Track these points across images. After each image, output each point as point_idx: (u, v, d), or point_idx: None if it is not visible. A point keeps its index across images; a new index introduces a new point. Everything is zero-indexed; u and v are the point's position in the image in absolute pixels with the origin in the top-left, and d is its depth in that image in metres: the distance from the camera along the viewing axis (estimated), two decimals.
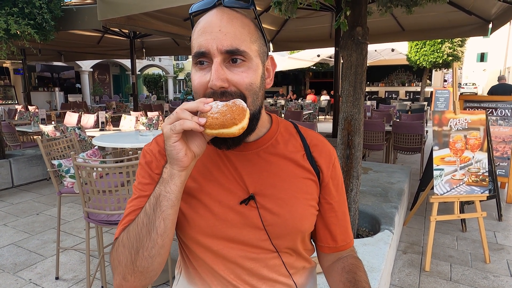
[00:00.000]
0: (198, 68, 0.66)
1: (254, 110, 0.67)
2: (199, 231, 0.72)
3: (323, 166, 0.79)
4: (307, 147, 0.80)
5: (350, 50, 2.40)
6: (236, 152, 0.74)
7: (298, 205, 0.74)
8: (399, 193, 3.30)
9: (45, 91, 14.05)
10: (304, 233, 0.78)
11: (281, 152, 0.77)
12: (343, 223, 0.83)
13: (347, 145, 2.51)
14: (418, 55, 12.86)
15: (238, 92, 0.64)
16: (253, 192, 0.73)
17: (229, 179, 0.73)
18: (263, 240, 0.73)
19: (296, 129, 0.83)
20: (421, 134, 5.10)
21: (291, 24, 6.77)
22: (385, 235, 2.39)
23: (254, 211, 0.72)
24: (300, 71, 20.18)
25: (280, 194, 0.74)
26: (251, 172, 0.74)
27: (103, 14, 4.23)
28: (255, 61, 0.66)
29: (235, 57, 0.64)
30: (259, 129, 0.75)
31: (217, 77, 0.62)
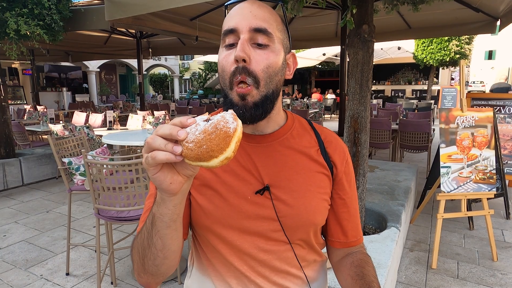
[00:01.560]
0: (226, 49, 0.71)
1: (266, 92, 0.70)
2: (215, 221, 0.74)
3: (337, 161, 0.82)
4: (321, 143, 0.82)
5: (356, 48, 2.40)
6: (252, 144, 0.77)
7: (312, 198, 0.77)
8: (406, 191, 3.30)
9: (53, 91, 14.23)
10: (316, 226, 0.80)
11: (296, 146, 0.79)
12: (354, 219, 0.85)
13: (354, 143, 2.52)
14: (425, 53, 12.76)
15: (254, 73, 0.68)
16: (268, 184, 0.75)
17: (245, 170, 0.75)
18: (276, 231, 0.75)
19: (310, 126, 0.86)
20: (428, 132, 5.08)
21: (296, 23, 6.77)
22: (392, 232, 2.40)
23: (268, 202, 0.74)
24: (305, 70, 20.14)
25: (294, 186, 0.76)
26: (267, 164, 0.76)
27: (111, 14, 4.28)
28: (277, 47, 0.71)
29: (261, 38, 0.68)
30: (275, 122, 0.79)
31: (241, 49, 0.67)
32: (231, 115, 0.52)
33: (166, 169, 0.53)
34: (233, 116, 0.52)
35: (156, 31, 5.91)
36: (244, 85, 0.68)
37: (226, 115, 0.52)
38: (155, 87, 23.25)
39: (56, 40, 4.44)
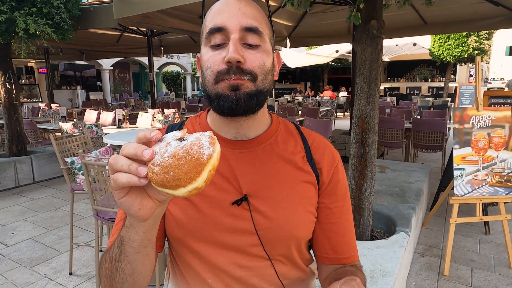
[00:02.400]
0: (212, 49, 0.65)
1: (262, 88, 0.65)
2: (188, 233, 0.68)
3: (323, 168, 0.74)
4: (308, 149, 0.75)
5: (364, 45, 2.30)
6: (232, 150, 0.71)
7: (295, 210, 0.70)
8: (417, 193, 3.17)
9: (68, 89, 14.49)
10: (299, 241, 0.73)
11: (280, 153, 0.73)
12: (345, 232, 0.76)
13: (361, 144, 2.42)
14: (442, 49, 12.40)
15: (249, 70, 0.62)
16: (246, 193, 0.68)
17: (223, 178, 0.69)
18: (255, 245, 0.68)
19: (297, 130, 0.79)
20: (442, 131, 4.90)
21: (308, 20, 6.64)
22: (401, 237, 2.29)
23: (246, 213, 0.68)
24: (318, 67, 19.91)
25: (275, 197, 0.69)
26: (246, 171, 0.70)
27: (119, 12, 4.28)
28: (268, 46, 0.67)
29: (252, 38, 0.63)
30: (260, 125, 0.73)
31: (235, 49, 0.61)
32: (208, 138, 0.45)
33: (134, 193, 0.47)
34: (211, 140, 0.45)
35: (165, 29, 5.92)
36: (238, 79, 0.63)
37: (203, 137, 0.45)
38: (168, 85, 23.41)
39: (65, 39, 4.46)
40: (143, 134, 0.46)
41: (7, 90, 4.68)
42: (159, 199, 0.48)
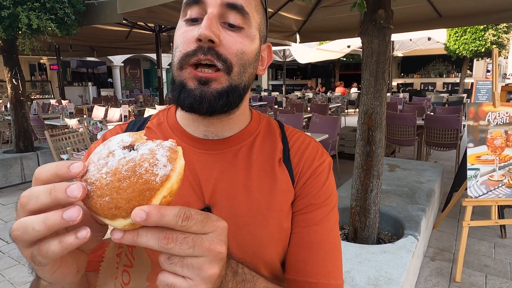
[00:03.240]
0: (186, 24, 0.54)
1: (238, 83, 0.54)
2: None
3: (300, 172, 0.62)
4: (287, 151, 0.63)
5: (371, 36, 2.16)
6: (199, 151, 0.60)
7: (263, 226, 0.57)
8: (429, 193, 3.01)
9: (79, 85, 14.63)
10: (269, 263, 0.59)
11: (254, 156, 0.61)
12: (317, 249, 0.58)
13: (367, 142, 2.29)
14: (458, 43, 12.00)
15: (224, 56, 0.51)
16: (209, 203, 0.57)
17: (183, 183, 0.58)
18: None
19: (280, 130, 0.67)
20: (457, 128, 4.69)
21: (318, 14, 6.46)
22: (408, 241, 2.16)
23: None
24: (329, 63, 19.61)
25: (241, 209, 0.57)
26: (212, 177, 0.59)
27: (123, 7, 4.23)
28: (253, 32, 0.56)
29: (235, 17, 0.53)
30: (236, 124, 0.62)
31: (208, 25, 0.50)
32: (167, 151, 0.34)
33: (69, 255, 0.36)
34: (170, 153, 0.34)
35: (172, 24, 5.83)
36: (208, 70, 0.51)
37: (160, 150, 0.34)
38: None
39: (70, 34, 4.43)
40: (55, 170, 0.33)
41: (14, 86, 4.68)
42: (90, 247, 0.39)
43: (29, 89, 11.80)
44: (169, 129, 0.63)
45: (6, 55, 4.56)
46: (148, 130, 0.64)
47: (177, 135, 0.62)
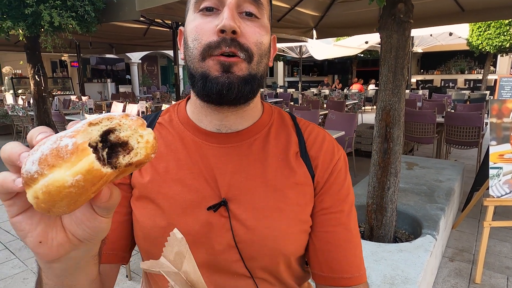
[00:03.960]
0: (202, 15, 0.54)
1: (256, 72, 0.55)
2: (154, 243, 0.58)
3: (319, 166, 0.62)
4: (303, 143, 0.63)
5: (390, 31, 2.11)
6: (212, 145, 0.60)
7: (282, 219, 0.58)
8: (448, 192, 2.94)
9: (99, 82, 14.96)
10: (288, 257, 0.60)
11: (269, 149, 0.61)
12: (346, 245, 0.61)
13: (385, 139, 2.25)
14: (481, 38, 11.60)
15: (246, 46, 0.52)
16: (225, 197, 0.57)
17: (198, 178, 0.58)
18: (234, 260, 0.57)
19: (293, 121, 0.67)
20: (479, 126, 4.55)
21: (336, 9, 6.38)
22: (427, 241, 2.11)
23: (224, 221, 0.57)
24: (347, 59, 19.33)
25: (259, 202, 0.57)
26: (227, 171, 0.59)
27: (141, 4, 4.28)
28: (266, 22, 0.57)
29: (251, 7, 0.54)
30: (250, 116, 0.61)
31: (231, 16, 0.50)
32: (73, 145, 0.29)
33: (36, 215, 0.34)
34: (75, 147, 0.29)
35: None
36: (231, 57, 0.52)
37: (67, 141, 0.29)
38: None
39: (90, 32, 4.52)
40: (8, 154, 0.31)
41: (36, 83, 4.83)
42: (76, 235, 0.34)
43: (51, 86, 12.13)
44: (180, 124, 0.63)
45: (29, 52, 4.71)
46: (160, 126, 0.65)
47: (189, 130, 0.62)
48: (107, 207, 0.34)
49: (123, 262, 0.63)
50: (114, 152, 0.32)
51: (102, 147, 0.31)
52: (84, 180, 0.29)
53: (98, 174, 0.29)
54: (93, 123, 0.31)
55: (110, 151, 0.32)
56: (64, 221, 0.35)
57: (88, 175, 0.29)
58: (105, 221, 0.35)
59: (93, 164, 0.29)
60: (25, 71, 12.87)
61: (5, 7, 3.76)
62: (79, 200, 0.30)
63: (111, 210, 0.35)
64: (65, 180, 0.28)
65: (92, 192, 0.30)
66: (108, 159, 0.31)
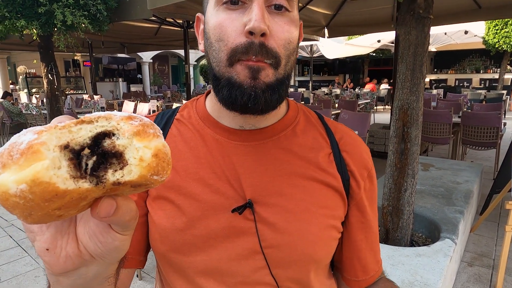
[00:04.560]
0: (226, 8, 0.48)
1: (283, 75, 0.50)
2: (172, 248, 0.54)
3: (356, 173, 0.58)
4: (336, 145, 0.58)
5: (408, 27, 2.04)
6: (235, 142, 0.55)
7: (313, 223, 0.53)
8: (467, 195, 2.84)
9: (111, 81, 15.12)
10: (318, 263, 0.56)
11: (296, 148, 0.56)
12: (374, 246, 0.63)
13: (402, 138, 2.17)
14: (498, 37, 11.32)
15: (274, 51, 0.47)
16: (251, 198, 0.53)
17: (220, 178, 0.54)
18: (258, 268, 0.53)
19: (321, 120, 0.62)
20: (497, 127, 4.41)
21: (348, 7, 6.29)
22: (446, 245, 2.03)
23: (250, 224, 0.52)
24: (358, 58, 19.12)
25: (288, 204, 0.53)
26: (252, 170, 0.54)
27: (153, 2, 4.27)
28: (296, 15, 0.52)
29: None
30: (273, 115, 0.56)
31: (261, 16, 0.45)
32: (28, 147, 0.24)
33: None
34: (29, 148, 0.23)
35: None
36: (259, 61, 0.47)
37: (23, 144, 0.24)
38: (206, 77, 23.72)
39: (102, 31, 4.54)
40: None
41: (50, 82, 4.87)
42: (88, 249, 0.30)
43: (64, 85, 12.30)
44: (200, 121, 0.59)
45: (42, 51, 4.75)
46: (178, 122, 0.61)
47: (210, 127, 0.58)
48: (117, 223, 0.29)
49: (140, 266, 0.59)
50: (104, 162, 0.25)
51: (89, 153, 0.25)
52: (31, 193, 0.22)
53: (51, 189, 0.23)
54: (85, 121, 0.26)
55: (100, 159, 0.25)
56: (78, 231, 0.31)
57: (36, 187, 0.22)
58: (120, 238, 0.30)
59: (41, 174, 0.22)
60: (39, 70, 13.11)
61: (19, 6, 3.79)
62: (33, 215, 0.24)
63: (127, 227, 0.30)
64: (8, 187, 0.22)
65: (53, 209, 0.24)
66: (94, 170, 0.25)
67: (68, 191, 0.24)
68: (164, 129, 0.60)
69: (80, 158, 0.25)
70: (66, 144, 0.24)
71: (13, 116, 7.50)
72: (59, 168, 0.24)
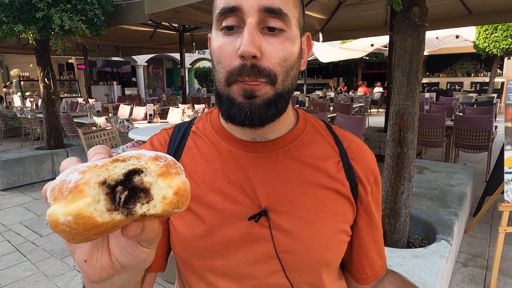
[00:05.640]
0: (224, 34, 0.52)
1: (282, 90, 0.53)
2: (193, 254, 0.58)
3: (364, 179, 0.62)
4: (344, 153, 0.63)
5: (404, 34, 2.10)
6: (248, 154, 0.59)
7: (324, 229, 0.58)
8: (460, 197, 2.91)
9: (105, 84, 15.05)
10: (330, 266, 0.61)
11: (306, 157, 0.60)
12: (379, 244, 0.68)
13: (399, 143, 2.23)
14: (488, 41, 11.53)
15: (268, 69, 0.50)
16: (265, 207, 0.57)
17: (236, 188, 0.58)
18: (274, 271, 0.57)
19: (329, 129, 0.66)
20: (489, 130, 4.51)
21: (342, 12, 6.39)
22: (442, 246, 2.09)
23: (265, 231, 0.56)
24: (352, 61, 19.31)
25: (301, 212, 0.57)
26: (265, 180, 0.58)
27: (150, 7, 4.30)
28: (294, 31, 0.54)
29: (274, 21, 0.51)
30: (283, 125, 0.60)
31: (250, 41, 0.48)
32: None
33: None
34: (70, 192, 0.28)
35: (196, 24, 5.90)
36: (253, 81, 0.51)
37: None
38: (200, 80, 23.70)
39: (99, 35, 4.55)
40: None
41: (46, 86, 4.86)
42: (119, 260, 0.35)
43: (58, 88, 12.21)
44: (214, 133, 0.63)
45: (39, 55, 4.74)
46: (194, 135, 0.64)
47: (224, 140, 0.61)
48: (144, 240, 0.34)
49: (161, 270, 0.63)
50: (134, 196, 0.30)
51: (122, 189, 0.30)
52: (75, 223, 0.27)
53: (89, 222, 0.28)
54: (120, 159, 0.30)
55: (130, 193, 0.30)
56: (111, 245, 0.35)
57: (79, 219, 0.28)
58: (147, 252, 0.35)
59: (83, 210, 0.28)
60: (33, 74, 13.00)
61: (16, 11, 3.79)
62: (78, 238, 0.29)
63: (151, 242, 0.35)
64: (58, 217, 0.28)
65: (93, 234, 0.29)
66: (125, 204, 0.30)
67: (104, 223, 0.29)
68: (181, 142, 0.63)
69: (115, 193, 0.30)
70: (104, 180, 0.29)
71: (7, 120, 7.44)
72: (98, 202, 0.29)
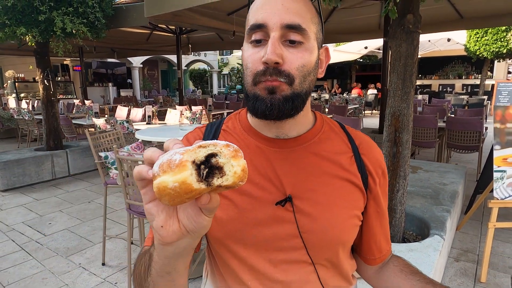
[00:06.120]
0: (252, 46, 0.64)
1: (299, 91, 0.63)
2: (228, 234, 0.68)
3: (373, 172, 0.73)
4: (356, 149, 0.73)
5: (399, 40, 2.22)
6: (273, 149, 0.70)
7: (340, 212, 0.68)
8: (452, 195, 3.04)
9: (100, 86, 15.03)
10: (345, 244, 0.72)
11: (323, 152, 0.71)
12: (386, 230, 0.79)
13: (394, 143, 2.34)
14: (479, 44, 11.80)
15: (287, 72, 0.61)
16: (290, 194, 0.67)
17: (265, 178, 0.68)
18: (297, 249, 0.67)
19: (342, 129, 0.77)
20: (479, 131, 4.67)
21: (337, 15, 6.51)
22: (435, 241, 2.20)
23: (290, 215, 0.67)
24: (346, 64, 19.52)
25: (320, 198, 0.68)
26: (289, 171, 0.68)
27: (150, 11, 4.38)
28: (312, 43, 0.64)
29: (294, 35, 0.61)
30: (302, 125, 0.71)
31: (273, 50, 0.60)
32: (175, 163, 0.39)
33: (162, 205, 0.45)
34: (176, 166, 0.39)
35: (194, 27, 5.99)
36: (274, 80, 0.62)
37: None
38: (195, 82, 23.74)
39: (99, 37, 4.61)
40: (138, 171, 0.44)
41: (45, 87, 4.90)
42: (186, 226, 0.45)
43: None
44: (243, 131, 0.73)
45: (39, 57, 4.78)
46: (224, 133, 0.75)
47: (252, 137, 0.72)
48: (208, 209, 0.44)
49: (197, 250, 0.72)
50: (211, 172, 0.41)
51: (204, 167, 0.40)
52: (179, 188, 0.38)
53: (189, 187, 0.38)
54: (202, 146, 0.41)
55: (209, 170, 0.41)
56: (179, 215, 0.45)
57: (183, 185, 0.38)
58: (207, 220, 0.45)
59: (187, 179, 0.38)
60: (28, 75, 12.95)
61: (18, 14, 3.84)
62: (176, 200, 0.40)
63: (211, 211, 0.44)
64: (167, 183, 0.38)
65: (186, 198, 0.39)
66: (206, 177, 0.40)
67: (196, 189, 0.39)
68: (213, 138, 0.74)
69: (200, 169, 0.40)
70: (194, 160, 0.40)
71: (4, 121, 7.43)
72: (191, 175, 0.39)
